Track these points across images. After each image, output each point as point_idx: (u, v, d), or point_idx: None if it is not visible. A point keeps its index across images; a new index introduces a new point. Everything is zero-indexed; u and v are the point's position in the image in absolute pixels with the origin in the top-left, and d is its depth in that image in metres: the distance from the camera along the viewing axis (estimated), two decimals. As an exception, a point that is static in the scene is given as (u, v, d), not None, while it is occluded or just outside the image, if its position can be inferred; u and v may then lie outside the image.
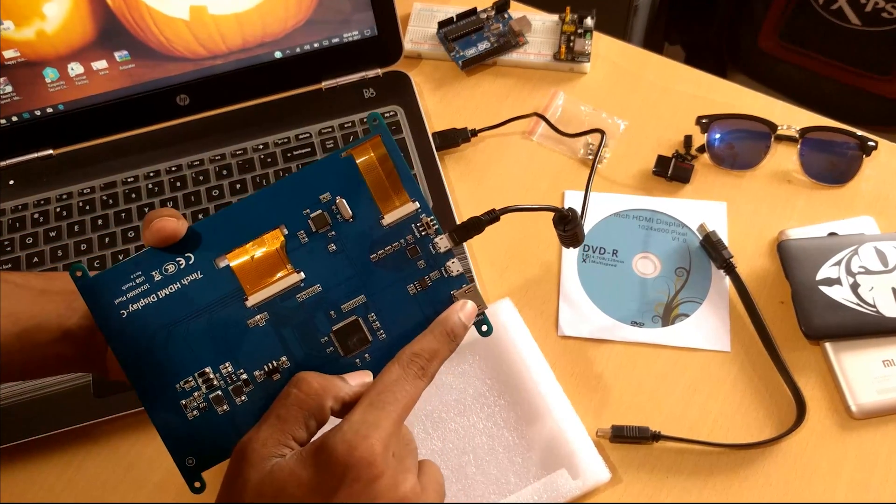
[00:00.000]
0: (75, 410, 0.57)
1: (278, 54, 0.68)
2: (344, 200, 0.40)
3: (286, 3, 0.65)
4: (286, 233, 0.40)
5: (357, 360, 0.40)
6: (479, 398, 0.56)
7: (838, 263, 0.58)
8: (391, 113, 0.69)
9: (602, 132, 0.58)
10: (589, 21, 0.73)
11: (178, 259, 0.39)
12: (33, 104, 0.66)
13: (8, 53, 0.63)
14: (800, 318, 0.57)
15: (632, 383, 0.57)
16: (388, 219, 0.40)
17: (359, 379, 0.39)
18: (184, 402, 0.39)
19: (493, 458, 0.54)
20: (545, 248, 0.63)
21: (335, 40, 0.69)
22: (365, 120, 0.68)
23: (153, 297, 0.39)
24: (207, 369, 0.39)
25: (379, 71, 0.71)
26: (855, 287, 0.57)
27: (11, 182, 0.67)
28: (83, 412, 0.57)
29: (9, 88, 0.65)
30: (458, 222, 0.43)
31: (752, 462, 0.54)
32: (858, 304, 0.56)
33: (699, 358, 0.58)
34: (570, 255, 0.63)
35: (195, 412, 0.39)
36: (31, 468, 0.57)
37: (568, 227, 0.49)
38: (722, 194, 0.65)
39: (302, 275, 0.40)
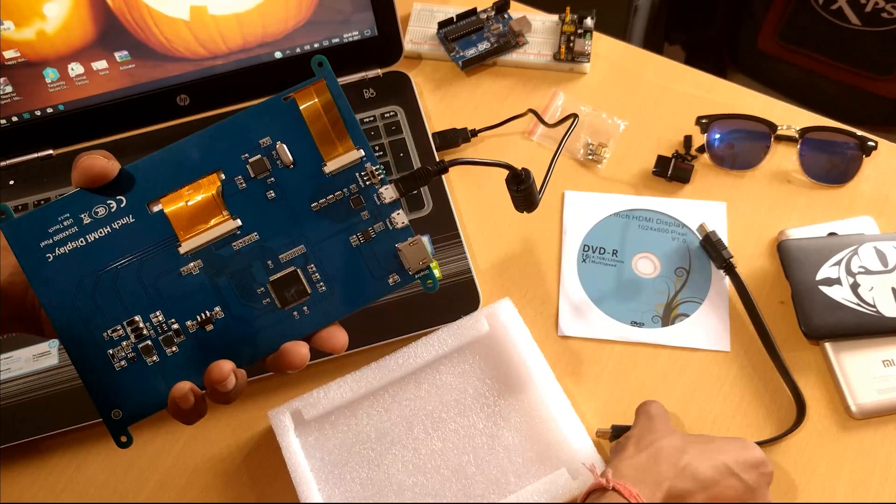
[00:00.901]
0: (75, 410, 0.57)
1: (278, 54, 0.68)
2: (284, 146, 0.38)
3: (286, 3, 0.65)
4: (223, 178, 0.38)
5: (295, 314, 0.38)
6: (479, 398, 0.56)
7: (838, 263, 0.58)
8: (391, 113, 0.69)
9: (575, 116, 0.58)
10: (589, 21, 0.73)
11: (108, 202, 0.37)
12: (33, 104, 0.66)
13: (8, 53, 0.63)
14: (800, 318, 0.57)
15: (632, 383, 0.57)
16: (331, 166, 0.38)
17: (296, 350, 0.37)
18: (111, 351, 0.37)
19: (493, 458, 0.54)
20: (545, 248, 0.63)
21: (335, 40, 0.69)
22: (368, 119, 0.68)
23: (81, 241, 0.37)
24: (137, 318, 0.37)
25: (379, 71, 0.71)
26: (855, 287, 0.57)
27: (11, 182, 0.67)
28: (83, 412, 0.57)
29: (9, 88, 0.65)
30: (459, 225, 0.42)
31: (752, 462, 0.54)
32: (858, 304, 0.56)
33: (699, 358, 0.58)
34: (570, 255, 0.63)
35: (123, 362, 0.37)
36: (31, 468, 0.57)
37: (521, 186, 0.47)
38: (722, 194, 0.65)
39: (238, 222, 0.38)
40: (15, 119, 0.66)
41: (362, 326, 0.58)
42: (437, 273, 0.48)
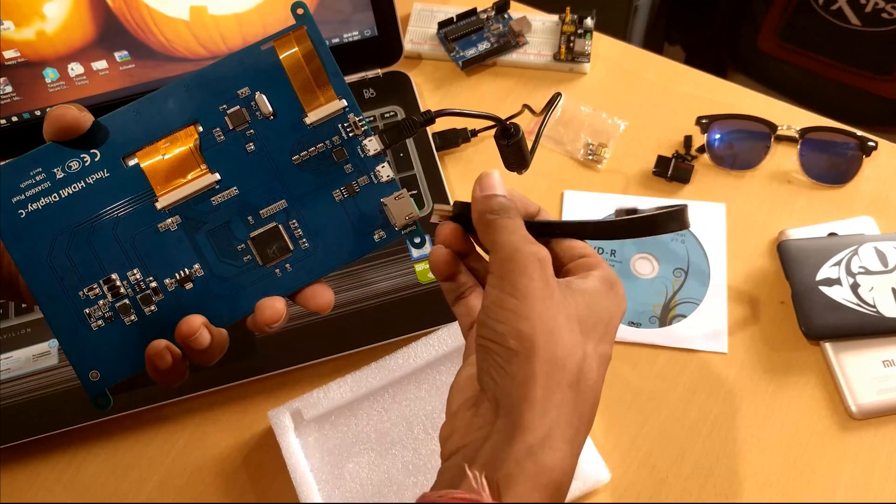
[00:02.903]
0: (75, 410, 0.57)
1: (278, 54, 0.68)
2: (264, 96, 0.37)
3: (286, 3, 0.65)
4: (201, 130, 0.37)
5: (277, 271, 0.37)
6: (479, 398, 0.56)
7: (838, 263, 0.58)
8: (391, 113, 0.69)
9: (559, 93, 0.58)
10: (589, 21, 0.73)
11: (82, 155, 0.36)
12: (33, 104, 0.66)
13: (8, 53, 0.63)
14: (800, 318, 0.57)
15: (631, 384, 0.57)
16: (312, 117, 0.37)
17: (273, 305, 0.36)
18: (87, 311, 0.36)
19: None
20: (545, 248, 0.63)
21: (335, 40, 0.69)
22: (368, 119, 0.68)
23: (54, 197, 0.36)
24: (114, 276, 0.36)
25: (379, 71, 0.71)
26: (855, 287, 0.57)
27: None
28: (83, 412, 0.57)
29: (9, 88, 0.65)
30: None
31: (752, 462, 0.54)
32: (858, 305, 0.56)
33: (697, 359, 0.58)
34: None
35: (100, 322, 0.36)
36: (31, 468, 0.57)
37: (511, 140, 0.47)
38: (722, 194, 0.65)
39: (217, 175, 0.37)
40: (15, 119, 0.66)
41: (362, 326, 0.58)
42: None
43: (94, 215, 0.36)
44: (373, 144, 0.37)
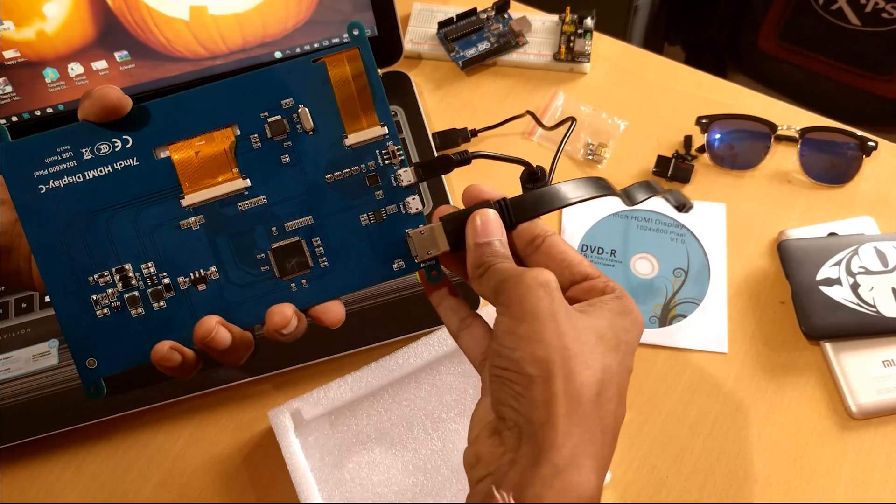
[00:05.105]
0: (75, 410, 0.57)
1: (278, 55, 0.68)
2: (307, 110, 0.36)
3: (286, 3, 0.65)
4: (238, 133, 0.36)
5: (292, 285, 0.37)
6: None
7: (838, 263, 0.58)
8: (391, 113, 0.69)
9: (573, 119, 0.58)
10: (589, 21, 0.73)
11: (114, 139, 0.35)
12: (33, 104, 0.66)
13: (8, 53, 0.63)
14: (800, 318, 0.57)
15: (631, 383, 0.57)
16: (352, 139, 0.37)
17: (282, 311, 0.36)
18: (95, 297, 0.36)
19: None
20: (545, 248, 0.63)
21: (335, 41, 0.69)
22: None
23: (78, 177, 0.35)
24: (127, 266, 0.36)
25: (379, 71, 0.71)
26: (855, 287, 0.57)
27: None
28: (83, 412, 0.57)
29: (9, 88, 0.65)
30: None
31: (752, 462, 0.54)
32: (858, 305, 0.56)
33: (697, 359, 0.58)
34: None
35: (105, 310, 0.36)
36: (31, 468, 0.57)
37: (538, 185, 0.47)
38: (722, 194, 0.65)
39: (248, 182, 0.36)
40: (15, 119, 0.66)
41: (362, 326, 0.58)
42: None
43: (117, 202, 0.36)
44: (407, 175, 0.37)
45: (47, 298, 0.62)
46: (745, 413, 0.56)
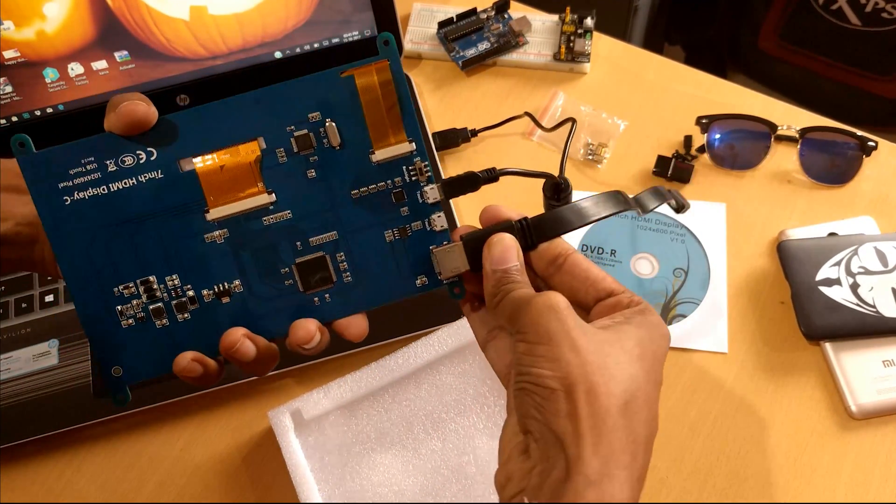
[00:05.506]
0: (75, 410, 0.57)
1: (278, 54, 0.68)
2: (334, 124, 0.36)
3: (286, 3, 0.65)
4: (264, 147, 0.36)
5: (315, 299, 0.37)
6: (479, 398, 0.56)
7: (838, 264, 0.58)
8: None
9: (573, 120, 0.58)
10: (589, 21, 0.73)
11: (137, 151, 0.35)
12: (33, 104, 0.66)
13: (8, 53, 0.63)
14: (800, 318, 0.57)
15: (632, 383, 0.57)
16: (379, 155, 0.36)
17: (306, 326, 0.36)
18: (120, 308, 0.36)
19: (493, 458, 0.54)
20: (545, 248, 0.63)
21: (335, 40, 0.69)
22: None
23: (103, 189, 0.35)
24: (152, 278, 0.36)
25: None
26: (855, 287, 0.57)
27: (11, 182, 0.67)
28: (83, 412, 0.57)
29: (9, 88, 0.65)
30: (459, 223, 0.41)
31: (751, 462, 0.54)
32: (858, 305, 0.56)
33: (697, 359, 0.58)
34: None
35: (131, 321, 0.36)
36: (31, 468, 0.57)
37: (562, 195, 0.47)
38: (722, 194, 0.65)
39: (273, 197, 0.36)
40: (15, 119, 0.66)
41: (362, 326, 0.58)
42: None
43: (142, 214, 0.36)
44: (433, 193, 0.37)
45: (48, 298, 0.62)
46: (745, 413, 0.56)
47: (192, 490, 0.56)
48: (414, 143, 0.37)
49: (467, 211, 0.64)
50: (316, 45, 0.69)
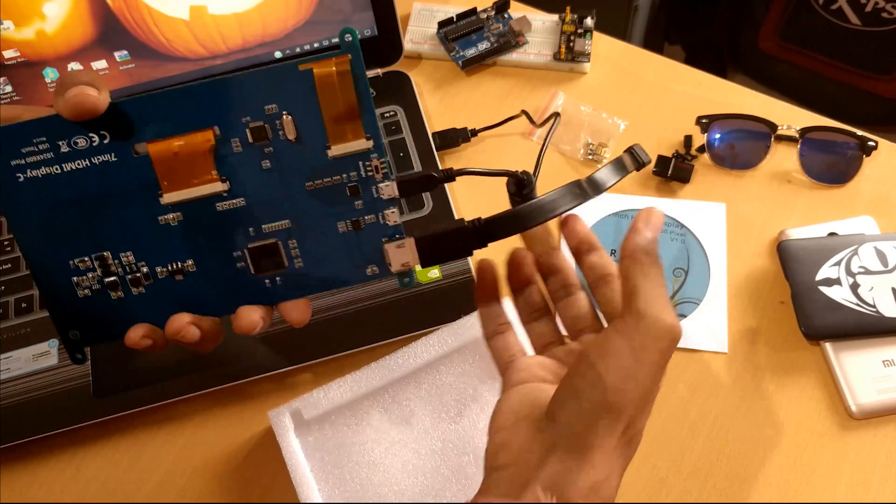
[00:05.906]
0: (75, 410, 0.57)
1: (278, 54, 0.68)
2: (291, 118, 0.35)
3: (286, 3, 0.65)
4: (218, 136, 0.36)
5: (266, 281, 0.38)
6: (479, 398, 0.56)
7: (838, 263, 0.58)
8: (391, 113, 0.69)
9: (557, 114, 0.58)
10: (589, 21, 0.73)
11: (90, 134, 0.35)
12: (33, 104, 0.66)
13: (8, 53, 0.63)
14: (800, 318, 0.57)
15: (632, 383, 0.57)
16: (335, 151, 0.36)
17: (249, 316, 0.37)
18: (76, 279, 0.37)
19: (493, 458, 0.54)
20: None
21: (335, 40, 0.69)
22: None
23: (56, 169, 0.35)
24: (106, 254, 0.36)
25: (379, 71, 0.71)
26: (855, 287, 0.57)
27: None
28: (83, 412, 0.57)
29: (9, 88, 0.65)
30: (455, 215, 0.41)
31: (751, 462, 0.54)
32: (858, 305, 0.56)
33: (697, 359, 0.58)
34: (569, 255, 0.62)
35: (86, 291, 0.37)
36: (31, 468, 0.57)
37: (525, 191, 0.47)
38: (722, 194, 0.65)
39: (227, 185, 0.36)
40: (15, 119, 0.66)
41: (362, 326, 0.58)
42: (436, 273, 0.46)
43: (95, 195, 0.36)
44: (389, 190, 0.37)
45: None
46: (745, 413, 0.56)
47: (192, 490, 0.56)
48: (372, 141, 0.36)
49: (465, 206, 0.64)
50: (316, 45, 0.69)
